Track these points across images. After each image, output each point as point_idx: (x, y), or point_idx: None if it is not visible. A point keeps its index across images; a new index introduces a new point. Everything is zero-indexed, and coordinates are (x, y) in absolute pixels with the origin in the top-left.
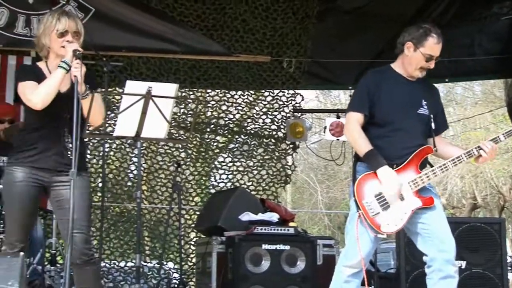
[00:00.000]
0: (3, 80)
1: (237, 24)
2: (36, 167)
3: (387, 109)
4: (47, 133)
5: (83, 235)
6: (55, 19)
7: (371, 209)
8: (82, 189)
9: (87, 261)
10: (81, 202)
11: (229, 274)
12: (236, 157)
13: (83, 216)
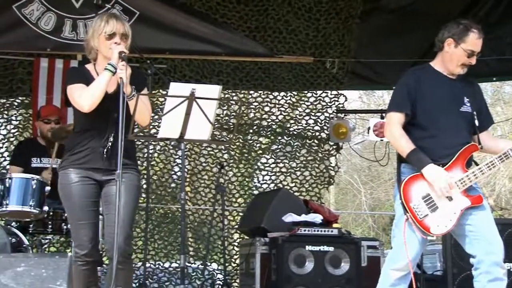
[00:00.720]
0: (50, 83)
1: (280, 25)
2: (88, 167)
3: (429, 108)
4: (97, 134)
5: (126, 234)
6: (104, 21)
7: (419, 212)
8: (130, 188)
9: (125, 261)
10: (127, 201)
11: (272, 275)
12: (279, 158)
13: (127, 215)
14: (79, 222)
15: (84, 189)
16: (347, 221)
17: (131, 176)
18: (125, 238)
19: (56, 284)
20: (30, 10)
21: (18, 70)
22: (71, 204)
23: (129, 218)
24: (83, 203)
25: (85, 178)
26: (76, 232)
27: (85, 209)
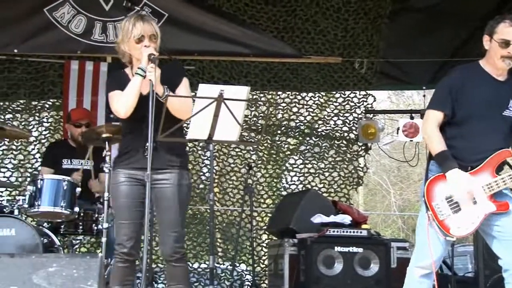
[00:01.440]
0: (80, 85)
1: (308, 26)
2: (135, 168)
3: (468, 109)
4: (138, 135)
5: (175, 234)
6: (131, 25)
7: (441, 212)
8: (178, 187)
9: (178, 259)
10: (175, 201)
11: (301, 276)
12: (307, 159)
13: (174, 215)
14: (120, 221)
15: (129, 190)
16: (376, 222)
17: (176, 175)
18: (176, 238)
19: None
20: (61, 13)
21: (49, 72)
22: (117, 203)
23: (177, 219)
24: (127, 203)
25: (131, 179)
26: (118, 231)
27: (127, 209)
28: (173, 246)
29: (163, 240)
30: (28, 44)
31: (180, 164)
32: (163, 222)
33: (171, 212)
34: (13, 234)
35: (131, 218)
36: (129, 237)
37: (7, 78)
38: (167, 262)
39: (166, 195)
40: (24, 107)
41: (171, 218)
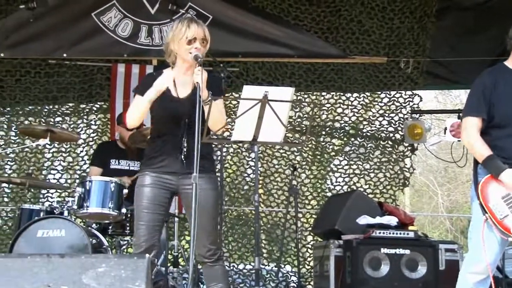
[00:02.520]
0: (127, 88)
1: (353, 26)
2: (163, 172)
3: (505, 108)
4: (170, 138)
5: (210, 236)
6: (185, 26)
7: (499, 212)
8: (208, 191)
9: (216, 260)
10: (207, 204)
11: (347, 278)
12: (353, 160)
13: (208, 219)
14: (139, 222)
15: (153, 193)
16: (423, 224)
17: (208, 179)
18: (212, 241)
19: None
20: (108, 17)
21: (97, 76)
22: (138, 204)
23: (211, 223)
24: (148, 205)
25: (158, 183)
26: (136, 231)
27: (147, 211)
28: (209, 248)
29: (199, 243)
30: (76, 48)
31: (209, 168)
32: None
33: (204, 216)
34: (63, 235)
35: (150, 221)
36: (146, 238)
37: (57, 82)
38: (204, 264)
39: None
40: (73, 110)
41: (204, 222)
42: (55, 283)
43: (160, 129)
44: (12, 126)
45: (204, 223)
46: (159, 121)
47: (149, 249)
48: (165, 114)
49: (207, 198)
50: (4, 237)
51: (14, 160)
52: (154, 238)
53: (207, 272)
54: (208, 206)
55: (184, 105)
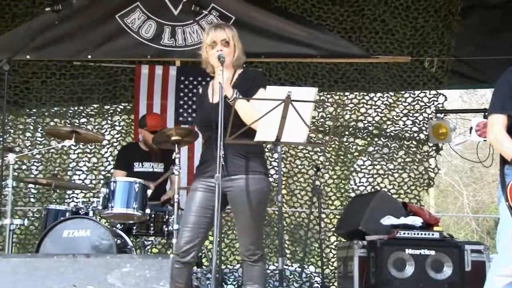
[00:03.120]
0: (150, 89)
1: (376, 25)
2: (209, 176)
3: None
4: (210, 143)
5: (250, 236)
6: (206, 34)
7: None
8: (249, 192)
9: (255, 260)
10: (247, 204)
11: (371, 278)
12: (376, 160)
13: (249, 220)
14: (185, 224)
15: (200, 196)
16: (449, 224)
17: (250, 180)
18: (252, 241)
19: (160, 285)
20: (132, 19)
21: (121, 77)
22: (187, 207)
23: (251, 222)
24: (194, 208)
25: (205, 186)
26: (180, 232)
27: (192, 214)
28: (249, 248)
29: (240, 242)
30: (100, 50)
31: (254, 169)
32: (238, 225)
33: (244, 216)
34: (88, 235)
35: (195, 223)
36: (188, 241)
37: (81, 83)
38: (244, 262)
39: (238, 200)
40: (97, 111)
41: (244, 222)
42: (81, 282)
43: (203, 135)
44: (38, 128)
45: (244, 223)
46: (200, 127)
47: (188, 251)
48: (202, 120)
49: (247, 199)
50: (31, 237)
51: (40, 161)
52: (196, 241)
53: (246, 271)
54: (247, 207)
55: (216, 110)
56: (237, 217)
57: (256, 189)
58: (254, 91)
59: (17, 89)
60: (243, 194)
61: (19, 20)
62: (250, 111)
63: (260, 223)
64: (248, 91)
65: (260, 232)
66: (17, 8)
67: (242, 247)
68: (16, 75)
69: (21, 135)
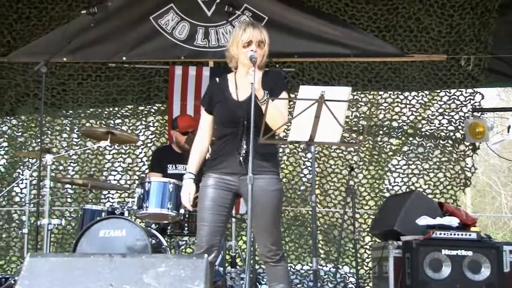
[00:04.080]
0: (184, 90)
1: (411, 24)
2: (224, 172)
3: None
4: (230, 140)
5: (270, 237)
6: (242, 30)
7: None
8: (269, 192)
9: (278, 260)
10: (267, 205)
11: (407, 279)
12: (411, 159)
13: (268, 220)
14: (201, 222)
15: (216, 193)
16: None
17: (269, 180)
18: (273, 241)
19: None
20: (166, 20)
21: (155, 78)
22: (201, 205)
23: (270, 222)
24: (210, 206)
25: (220, 183)
26: (198, 232)
27: (210, 212)
28: (270, 249)
29: (259, 243)
30: (135, 51)
31: (271, 169)
32: (257, 226)
33: (264, 217)
34: (124, 235)
35: (212, 221)
36: (207, 239)
37: (116, 84)
38: (266, 263)
39: (258, 200)
40: (132, 112)
41: (264, 222)
42: (117, 282)
43: (221, 131)
44: (74, 129)
45: (264, 224)
46: (220, 123)
47: (209, 249)
48: (225, 116)
49: (268, 199)
50: (68, 236)
51: (76, 162)
52: (215, 239)
53: (269, 272)
54: (268, 207)
55: (242, 108)
56: (257, 217)
57: (276, 189)
58: (277, 93)
59: (54, 91)
60: (265, 194)
61: (56, 23)
62: (276, 113)
63: (279, 223)
64: (270, 93)
65: (279, 232)
66: (54, 11)
67: (263, 248)
68: (53, 77)
69: (58, 136)
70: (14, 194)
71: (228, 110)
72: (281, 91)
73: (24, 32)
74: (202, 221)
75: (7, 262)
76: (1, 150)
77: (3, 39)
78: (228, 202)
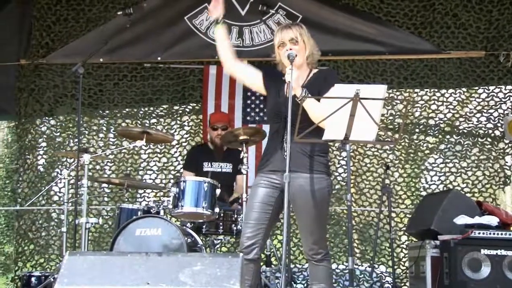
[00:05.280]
0: (218, 89)
1: (448, 20)
2: (270, 171)
3: None
4: (275, 137)
5: (312, 236)
6: (275, 36)
7: None
8: (309, 191)
9: (318, 260)
10: (307, 204)
11: (445, 279)
12: (448, 158)
13: (311, 219)
14: (247, 220)
15: (262, 192)
16: None
17: (311, 179)
18: (315, 240)
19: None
20: (200, 20)
21: (190, 78)
22: (249, 203)
23: (312, 223)
24: (255, 204)
25: (267, 182)
26: (243, 230)
27: (254, 210)
28: (312, 247)
29: (302, 241)
30: (170, 51)
31: (316, 168)
32: (299, 224)
33: (305, 215)
34: (160, 234)
35: (256, 219)
36: (249, 237)
37: (151, 85)
38: (308, 261)
39: (301, 199)
40: (167, 112)
41: (305, 221)
42: (153, 280)
43: (270, 127)
44: (111, 128)
45: (305, 222)
46: (268, 117)
47: (250, 247)
48: (271, 113)
49: (308, 198)
50: (105, 235)
51: (113, 162)
52: (258, 237)
53: (311, 270)
54: (308, 206)
55: (285, 105)
56: (298, 216)
57: (319, 188)
58: (325, 90)
59: (91, 91)
60: (306, 192)
61: (92, 24)
62: (318, 111)
63: (323, 222)
64: (320, 91)
65: (323, 231)
66: (91, 13)
67: (305, 247)
68: (90, 77)
69: (95, 136)
70: (53, 193)
71: (276, 106)
72: (328, 88)
73: (62, 33)
74: (247, 219)
75: (46, 260)
76: (40, 150)
77: (42, 41)
78: (274, 200)
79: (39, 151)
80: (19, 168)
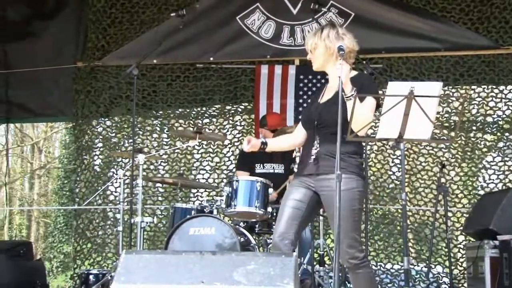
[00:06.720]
0: (270, 89)
1: (506, 14)
2: (304, 174)
3: None
4: (308, 141)
5: (345, 238)
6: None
7: None
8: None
9: (356, 265)
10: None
11: (505, 280)
12: (507, 156)
13: (344, 221)
14: (279, 218)
15: (297, 190)
16: None
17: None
18: (349, 244)
19: (283, 283)
20: (252, 20)
21: (241, 78)
22: (283, 202)
23: (347, 224)
24: (287, 201)
25: (302, 182)
26: (275, 227)
27: (285, 206)
28: (347, 252)
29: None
30: (222, 52)
31: (345, 169)
32: (333, 228)
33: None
34: (213, 233)
35: (285, 215)
36: (279, 233)
37: (204, 85)
38: (348, 269)
39: (331, 202)
40: (219, 111)
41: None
42: (208, 279)
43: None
44: (164, 129)
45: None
46: (303, 126)
47: (282, 242)
48: (303, 119)
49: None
50: (159, 234)
51: (166, 161)
52: (288, 234)
53: (352, 280)
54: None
55: (317, 109)
56: (330, 219)
57: (347, 189)
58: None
59: (145, 92)
60: (333, 194)
61: (146, 26)
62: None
63: (355, 225)
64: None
65: (357, 234)
66: (145, 15)
67: (341, 253)
68: (144, 79)
69: (149, 137)
70: (109, 193)
71: (307, 113)
72: (369, 93)
73: (117, 36)
74: (279, 216)
75: (103, 258)
76: (97, 150)
77: (98, 43)
78: (307, 199)
79: (96, 152)
80: (77, 168)
